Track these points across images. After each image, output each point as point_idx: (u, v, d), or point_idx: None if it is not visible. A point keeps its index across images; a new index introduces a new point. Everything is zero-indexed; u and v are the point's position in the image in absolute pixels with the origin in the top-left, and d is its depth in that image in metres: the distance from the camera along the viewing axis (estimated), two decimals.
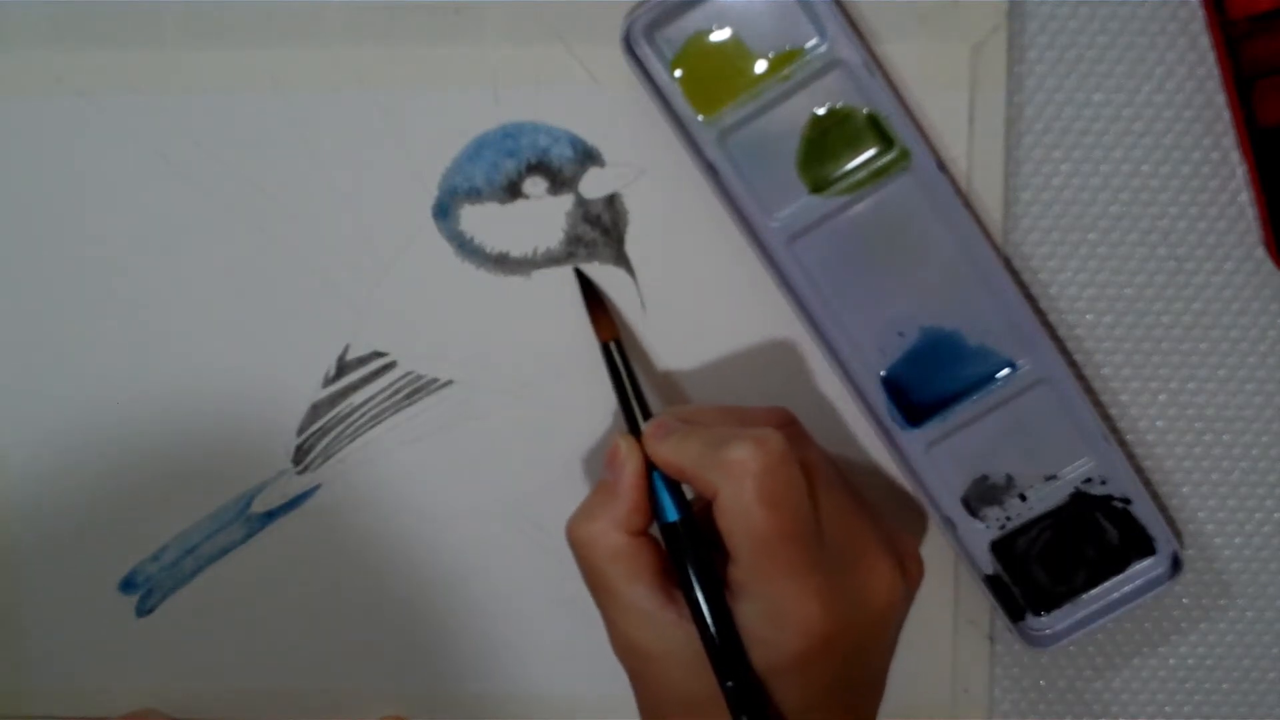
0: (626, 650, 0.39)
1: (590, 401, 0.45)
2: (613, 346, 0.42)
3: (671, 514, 0.39)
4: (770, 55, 0.42)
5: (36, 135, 0.44)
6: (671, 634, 0.38)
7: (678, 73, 0.42)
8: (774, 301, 0.43)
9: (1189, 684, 0.47)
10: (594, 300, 0.44)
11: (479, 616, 0.47)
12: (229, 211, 0.45)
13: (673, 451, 0.39)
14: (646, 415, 0.41)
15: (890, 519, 0.42)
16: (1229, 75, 0.42)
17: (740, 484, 0.36)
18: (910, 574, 0.40)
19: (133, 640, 0.47)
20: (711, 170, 0.42)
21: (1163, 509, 0.45)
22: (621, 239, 0.44)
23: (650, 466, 0.39)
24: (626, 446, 0.39)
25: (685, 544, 0.38)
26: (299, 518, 0.46)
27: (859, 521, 0.39)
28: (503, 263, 0.44)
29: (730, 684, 0.37)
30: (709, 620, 0.37)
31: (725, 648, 0.37)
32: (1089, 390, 0.45)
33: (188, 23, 0.43)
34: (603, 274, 0.44)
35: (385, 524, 0.46)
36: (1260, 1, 0.41)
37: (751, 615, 0.37)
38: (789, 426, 0.40)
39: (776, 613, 0.37)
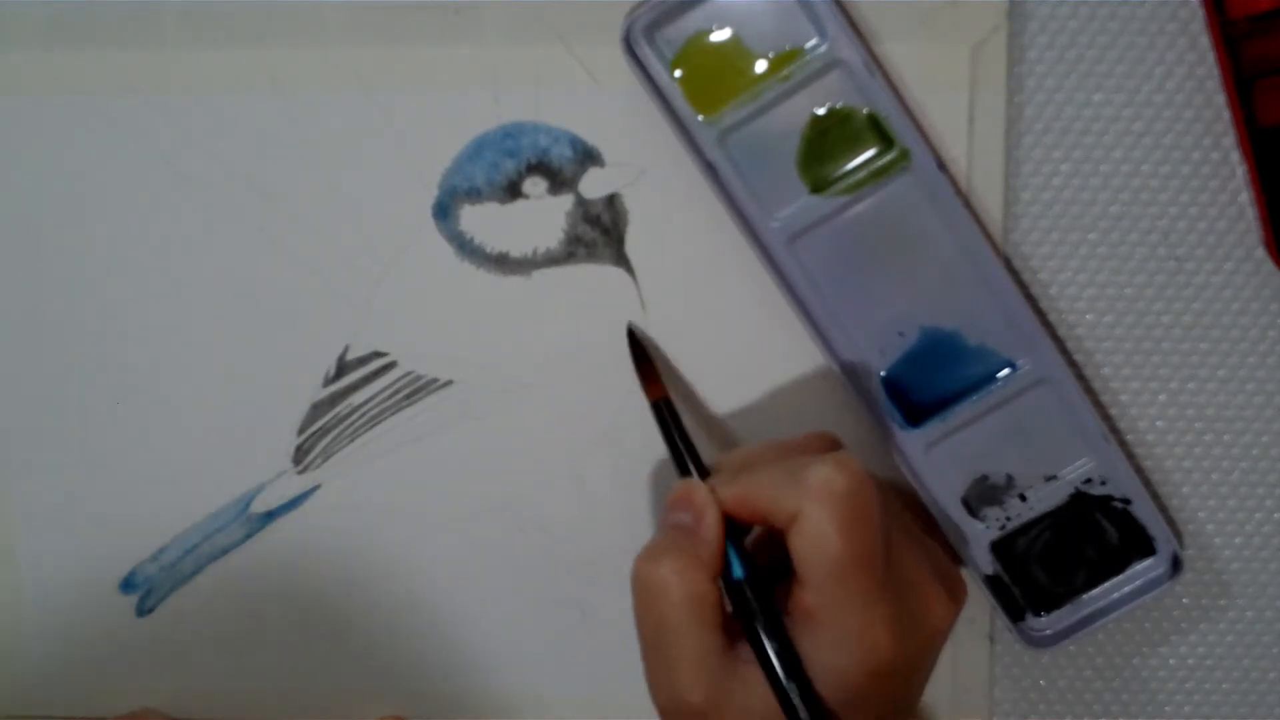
0: (678, 698, 0.38)
1: (590, 402, 0.45)
2: (663, 405, 0.42)
3: (739, 569, 0.38)
4: (770, 55, 0.42)
5: (36, 135, 0.44)
6: (732, 685, 0.37)
7: (678, 73, 0.42)
8: (774, 301, 0.43)
9: (1189, 684, 0.47)
10: (643, 360, 0.43)
11: (479, 616, 0.47)
12: (229, 211, 0.45)
13: (745, 487, 0.38)
14: (700, 466, 0.41)
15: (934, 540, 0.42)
16: (1229, 75, 0.42)
17: (824, 506, 0.36)
18: (958, 599, 0.40)
19: (133, 640, 0.47)
20: (711, 170, 0.42)
21: (1163, 509, 0.45)
22: (621, 239, 0.44)
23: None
24: (703, 490, 0.39)
25: (757, 600, 0.38)
26: (299, 518, 0.46)
27: (916, 547, 0.39)
28: (503, 263, 0.44)
29: None
30: (781, 674, 0.37)
31: (804, 699, 0.37)
32: (1089, 390, 0.45)
33: (188, 23, 0.43)
34: (603, 274, 0.44)
35: (385, 524, 0.46)
36: (1260, 1, 0.41)
37: (820, 643, 0.37)
38: (841, 449, 0.40)
39: (846, 640, 0.36)
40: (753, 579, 0.38)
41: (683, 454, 0.41)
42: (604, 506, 0.46)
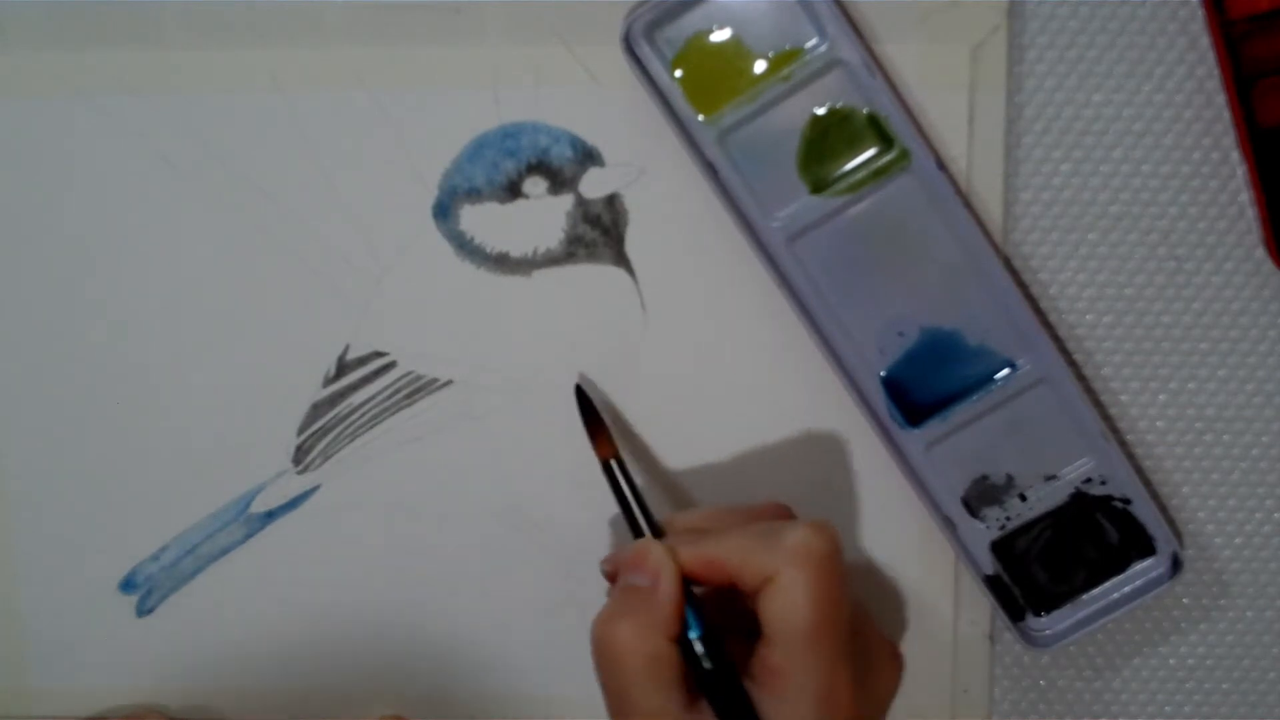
0: None
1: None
2: (614, 463, 0.42)
3: (696, 628, 0.39)
4: (770, 55, 0.42)
5: (36, 135, 0.44)
6: None
7: (678, 73, 0.42)
8: (774, 301, 0.43)
9: (1189, 684, 0.47)
10: (593, 419, 0.43)
11: (478, 616, 0.47)
12: (229, 211, 0.45)
13: (713, 550, 0.39)
14: (653, 525, 0.41)
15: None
16: (1229, 75, 0.42)
17: (802, 569, 0.37)
18: (900, 671, 0.42)
19: (133, 640, 0.47)
20: (711, 170, 0.42)
21: (1163, 509, 0.45)
22: (621, 239, 0.44)
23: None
24: (660, 551, 0.39)
25: (714, 659, 0.38)
26: (299, 518, 0.46)
27: (865, 613, 0.41)
28: (503, 263, 0.44)
29: None
30: None
31: None
32: (1089, 390, 0.45)
33: (188, 23, 0.43)
34: (603, 274, 0.44)
35: (385, 524, 0.46)
36: (1260, 1, 0.41)
37: (784, 702, 0.37)
38: (792, 518, 0.41)
39: (811, 700, 0.37)
40: (709, 637, 0.39)
41: (635, 514, 0.41)
42: (604, 506, 0.45)
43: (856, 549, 0.46)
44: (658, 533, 0.41)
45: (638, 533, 0.41)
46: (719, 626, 0.39)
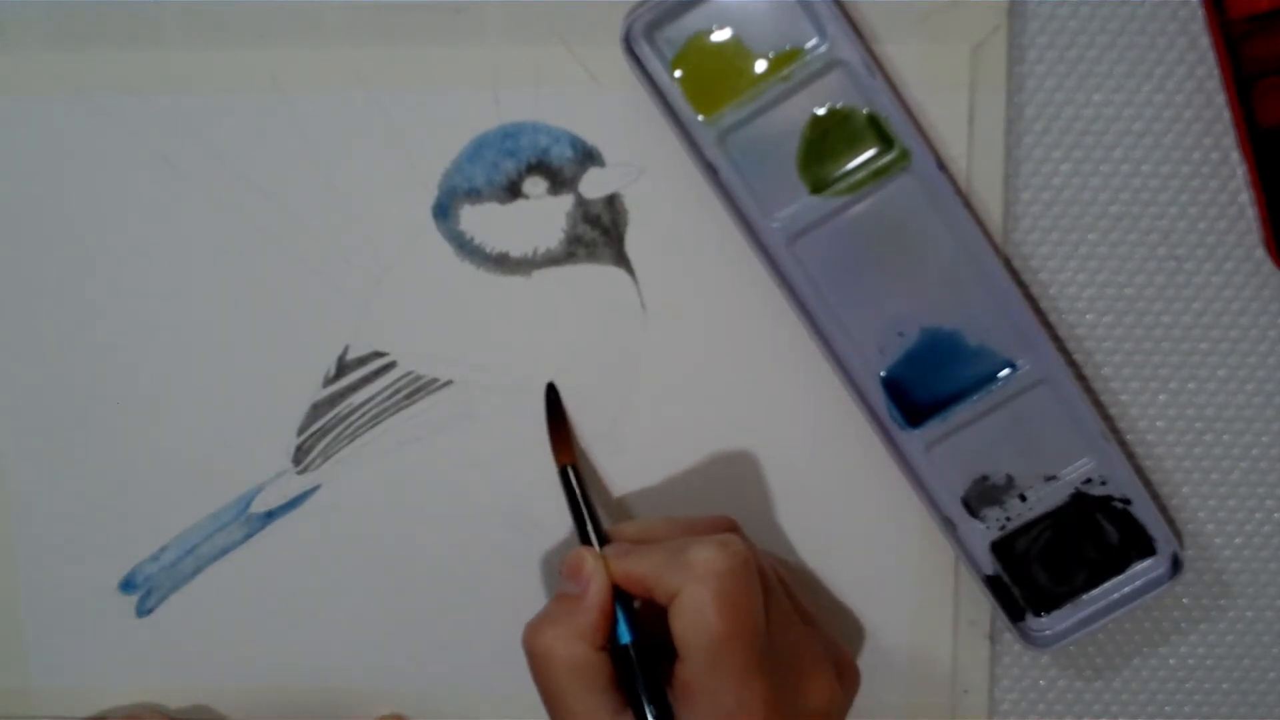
0: None
1: (590, 401, 0.45)
2: (570, 471, 0.43)
3: (626, 635, 0.39)
4: (770, 55, 0.42)
5: (36, 135, 0.44)
6: None
7: (678, 73, 0.42)
8: (774, 301, 0.43)
9: (1189, 684, 0.47)
10: (558, 421, 0.44)
11: (478, 616, 0.47)
12: (229, 211, 0.45)
13: (634, 563, 0.39)
14: (600, 534, 0.42)
15: (828, 627, 0.43)
16: (1229, 75, 0.42)
17: (702, 584, 0.37)
18: (847, 685, 0.41)
19: (133, 640, 0.47)
20: (711, 170, 0.42)
21: (1163, 509, 0.45)
22: (621, 239, 0.44)
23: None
24: (593, 560, 0.40)
25: (639, 665, 0.39)
26: (299, 518, 0.46)
27: (801, 629, 0.40)
28: (503, 263, 0.44)
29: None
30: None
31: None
32: (1089, 390, 0.45)
33: (188, 23, 0.43)
34: (603, 274, 0.44)
35: (385, 524, 0.46)
36: (1260, 1, 0.41)
37: (696, 717, 0.38)
38: (734, 532, 0.41)
39: (721, 716, 0.37)
40: (640, 646, 0.39)
41: (584, 521, 0.42)
42: (603, 506, 0.46)
43: (857, 549, 0.46)
44: (602, 541, 0.41)
45: (585, 540, 0.42)
46: (656, 639, 0.39)
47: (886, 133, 0.42)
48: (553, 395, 0.44)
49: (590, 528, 0.42)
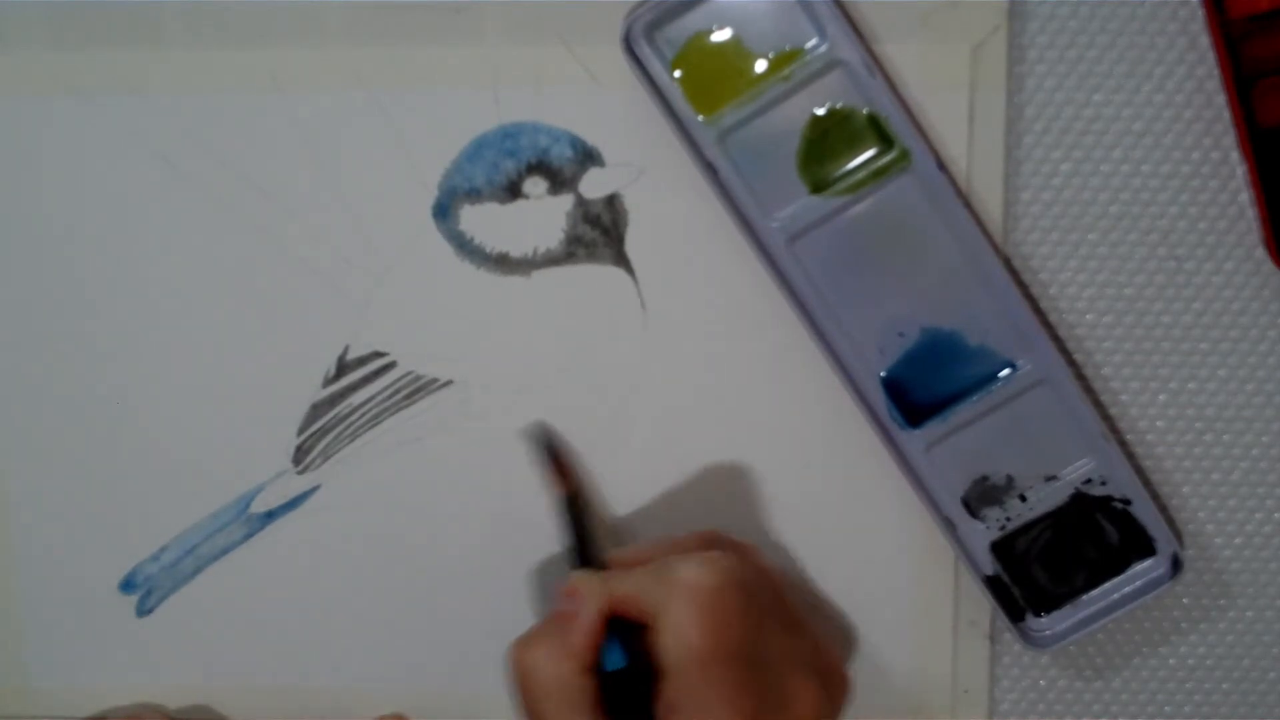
0: None
1: (589, 401, 0.45)
2: (573, 500, 0.43)
3: (619, 661, 0.39)
4: (770, 55, 0.42)
5: (36, 135, 0.44)
6: None
7: (678, 73, 0.42)
8: (774, 301, 0.43)
9: (1189, 684, 0.47)
10: (557, 455, 0.44)
11: (478, 616, 0.47)
12: (229, 211, 0.45)
13: (620, 584, 0.39)
14: (599, 560, 0.41)
15: (827, 628, 0.43)
16: (1229, 75, 0.42)
17: (686, 602, 0.37)
18: (834, 693, 0.41)
19: (133, 640, 0.47)
20: (711, 170, 0.42)
21: (1163, 509, 0.45)
22: (621, 239, 0.44)
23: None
24: (589, 583, 0.40)
25: (629, 688, 0.38)
26: (299, 518, 0.46)
27: (787, 642, 0.40)
28: (503, 263, 0.44)
29: None
30: None
31: None
32: (1089, 390, 0.45)
33: (188, 23, 0.43)
34: (603, 274, 0.44)
35: (385, 524, 0.46)
36: (1260, 1, 0.41)
37: None
38: (720, 545, 0.41)
39: None
40: (631, 672, 0.39)
41: (583, 547, 0.42)
42: (603, 507, 0.46)
43: (856, 549, 0.46)
44: (600, 567, 0.41)
45: (583, 565, 0.41)
46: (652, 663, 0.38)
47: (886, 133, 0.42)
48: (548, 437, 0.45)
49: (592, 552, 0.42)
